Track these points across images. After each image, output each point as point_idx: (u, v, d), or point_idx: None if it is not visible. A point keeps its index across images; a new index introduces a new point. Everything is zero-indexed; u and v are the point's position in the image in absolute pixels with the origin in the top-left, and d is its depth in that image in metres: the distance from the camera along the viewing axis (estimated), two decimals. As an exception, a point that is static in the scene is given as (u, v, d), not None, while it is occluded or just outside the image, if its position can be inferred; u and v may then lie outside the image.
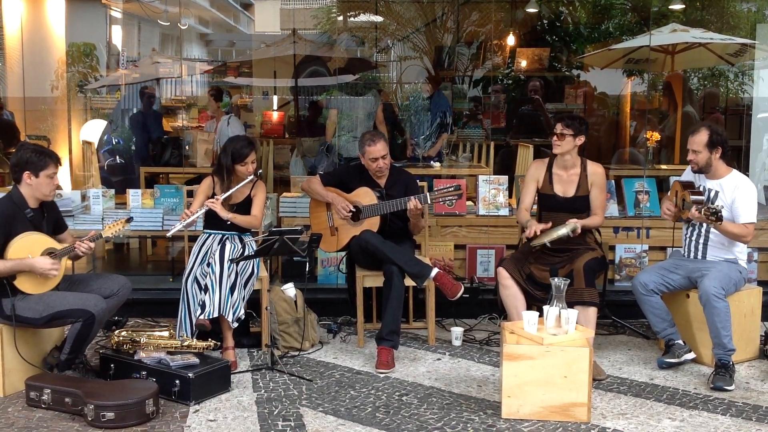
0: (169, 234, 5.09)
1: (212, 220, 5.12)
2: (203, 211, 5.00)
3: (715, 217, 4.44)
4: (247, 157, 5.05)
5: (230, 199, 5.09)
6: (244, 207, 5.14)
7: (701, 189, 4.90)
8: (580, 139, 4.99)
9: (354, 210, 5.28)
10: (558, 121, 5.00)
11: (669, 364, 4.86)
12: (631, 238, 6.29)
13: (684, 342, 4.90)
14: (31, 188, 4.44)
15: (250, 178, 5.10)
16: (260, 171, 5.26)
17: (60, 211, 4.77)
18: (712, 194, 4.88)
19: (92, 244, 4.54)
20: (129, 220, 4.75)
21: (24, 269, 4.35)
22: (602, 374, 4.72)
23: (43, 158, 4.44)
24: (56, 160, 4.52)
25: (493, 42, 10.43)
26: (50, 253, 4.44)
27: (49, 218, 4.59)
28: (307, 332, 5.24)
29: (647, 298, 4.90)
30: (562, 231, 4.81)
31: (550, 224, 4.93)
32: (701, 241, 4.94)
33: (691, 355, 4.87)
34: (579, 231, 4.84)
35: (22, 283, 4.38)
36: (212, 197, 5.05)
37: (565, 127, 4.95)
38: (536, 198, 5.20)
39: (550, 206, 5.10)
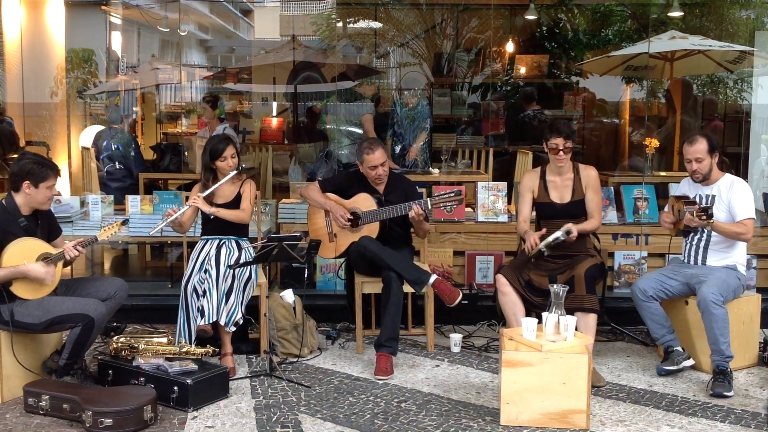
0: (151, 232, 5.11)
1: (209, 226, 5.12)
2: (186, 208, 5.00)
3: (706, 215, 4.48)
4: (225, 152, 5.05)
5: (218, 197, 5.09)
6: (234, 205, 5.13)
7: (697, 197, 4.95)
8: (574, 143, 5.03)
9: (351, 219, 5.28)
10: (557, 135, 4.95)
11: (668, 372, 4.85)
12: (630, 245, 6.30)
13: (683, 348, 4.90)
14: (29, 198, 4.45)
15: (233, 173, 5.09)
16: (243, 165, 5.24)
17: (54, 217, 4.77)
18: (710, 200, 4.92)
19: (82, 249, 4.54)
20: (125, 222, 4.75)
21: (19, 276, 4.35)
22: (601, 381, 4.72)
23: (45, 170, 4.46)
24: (56, 172, 4.54)
25: (492, 49, 10.45)
26: (45, 258, 4.44)
27: (43, 225, 4.59)
28: (305, 338, 5.24)
29: (646, 304, 4.90)
30: (557, 234, 4.80)
31: (544, 230, 4.93)
32: (702, 245, 4.95)
33: (689, 362, 4.87)
34: (575, 234, 4.82)
35: (18, 289, 4.38)
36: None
37: (566, 139, 4.95)
38: (534, 207, 5.20)
39: (548, 214, 5.10)
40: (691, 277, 4.88)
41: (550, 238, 4.80)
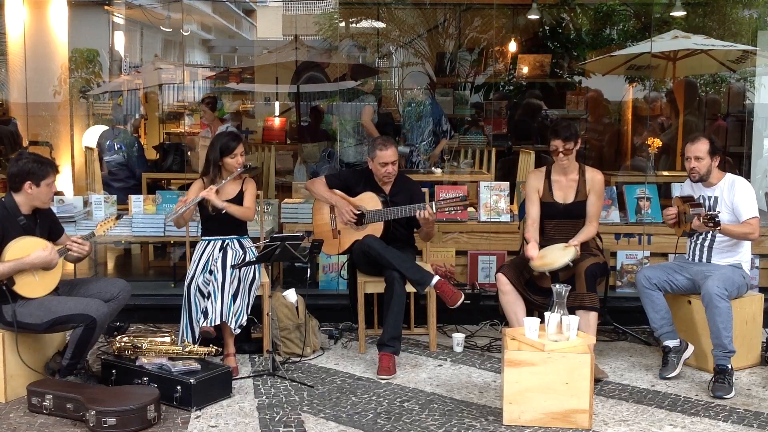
0: (168, 218, 5.11)
1: (211, 227, 5.13)
2: (199, 199, 5.00)
3: (713, 222, 4.47)
4: (236, 149, 5.06)
5: (222, 194, 5.10)
6: (238, 202, 5.13)
7: (700, 199, 4.94)
8: (578, 144, 5.00)
9: (357, 215, 5.28)
10: (555, 137, 4.95)
11: (669, 378, 4.84)
12: (633, 245, 6.29)
13: (680, 340, 4.89)
14: (31, 197, 4.45)
15: (240, 170, 5.10)
16: (249, 164, 5.25)
17: (56, 217, 4.78)
18: (712, 201, 4.91)
19: (86, 243, 4.54)
20: (119, 217, 4.77)
21: (24, 268, 4.35)
22: (603, 374, 4.71)
23: (44, 168, 4.47)
24: (55, 169, 4.57)
25: (495, 48, 10.45)
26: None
27: (43, 224, 4.59)
28: (308, 338, 5.25)
29: (649, 291, 4.90)
30: (565, 260, 4.75)
31: (540, 255, 4.91)
32: (706, 244, 4.95)
33: (689, 352, 4.87)
34: (578, 252, 4.83)
35: (21, 288, 4.38)
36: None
37: (565, 142, 4.94)
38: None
39: (551, 214, 5.10)
40: (696, 273, 4.88)
41: (557, 266, 4.75)
